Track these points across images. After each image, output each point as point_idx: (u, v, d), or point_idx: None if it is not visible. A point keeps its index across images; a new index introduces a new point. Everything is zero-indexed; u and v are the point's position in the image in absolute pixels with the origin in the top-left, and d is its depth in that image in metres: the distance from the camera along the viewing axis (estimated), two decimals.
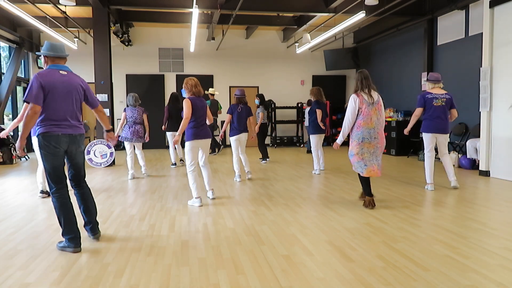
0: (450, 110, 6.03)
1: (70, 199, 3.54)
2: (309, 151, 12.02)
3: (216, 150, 12.00)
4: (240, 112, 7.03)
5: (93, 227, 3.74)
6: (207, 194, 5.55)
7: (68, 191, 3.55)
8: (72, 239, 3.44)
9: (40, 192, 5.73)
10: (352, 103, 4.81)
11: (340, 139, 5.03)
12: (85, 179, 3.79)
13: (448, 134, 6.18)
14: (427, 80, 6.14)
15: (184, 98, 5.22)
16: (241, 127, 7.07)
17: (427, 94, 6.01)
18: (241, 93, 7.22)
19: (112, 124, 9.67)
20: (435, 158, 6.23)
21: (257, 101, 9.59)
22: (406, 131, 6.34)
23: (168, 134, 8.77)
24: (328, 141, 13.24)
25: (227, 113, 7.18)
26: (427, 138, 6.09)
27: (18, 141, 3.44)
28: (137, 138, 7.53)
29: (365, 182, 4.97)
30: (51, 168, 3.46)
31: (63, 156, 3.56)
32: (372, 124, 4.77)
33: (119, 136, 7.44)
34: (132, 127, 7.50)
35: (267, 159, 9.75)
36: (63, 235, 3.49)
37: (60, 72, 3.51)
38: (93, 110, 3.85)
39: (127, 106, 7.64)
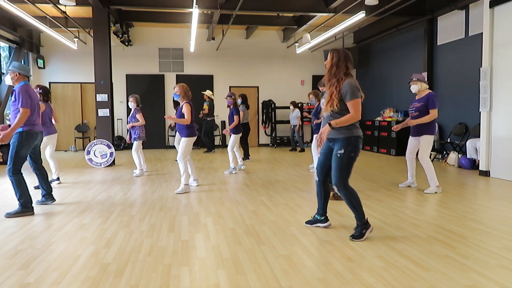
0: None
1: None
2: (302, 150, 12.20)
3: (213, 149, 12.09)
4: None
5: (50, 194, 5.21)
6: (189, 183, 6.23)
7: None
8: (28, 204, 4.66)
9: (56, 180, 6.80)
10: None
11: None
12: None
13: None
14: (421, 81, 5.82)
15: (176, 101, 6.40)
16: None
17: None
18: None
19: (112, 124, 9.66)
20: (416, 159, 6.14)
21: (239, 101, 9.21)
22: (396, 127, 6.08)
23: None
24: None
25: (237, 113, 7.83)
26: (432, 140, 5.85)
27: (4, 133, 4.46)
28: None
29: None
30: (21, 156, 4.66)
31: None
32: None
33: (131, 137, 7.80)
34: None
35: (248, 158, 10.03)
36: (22, 203, 4.63)
37: (29, 86, 4.74)
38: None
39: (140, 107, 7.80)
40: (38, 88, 6.40)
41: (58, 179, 6.82)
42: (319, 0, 9.78)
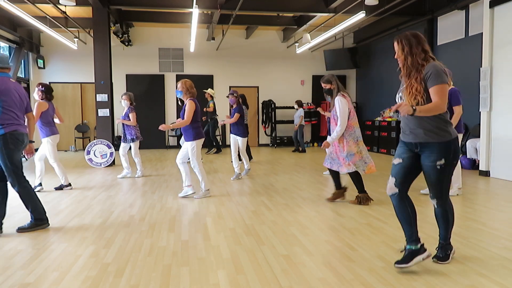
0: None
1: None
2: (303, 150, 12.06)
3: (214, 149, 12.04)
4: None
5: None
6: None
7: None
8: (42, 217, 4.10)
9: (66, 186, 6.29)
10: (345, 104, 4.96)
11: (333, 139, 4.98)
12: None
13: None
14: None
15: (180, 98, 5.63)
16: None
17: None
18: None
19: (112, 124, 9.66)
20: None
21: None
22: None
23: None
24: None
25: (239, 112, 7.32)
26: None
27: None
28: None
29: (359, 179, 5.10)
30: (17, 162, 3.95)
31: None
32: (357, 123, 5.12)
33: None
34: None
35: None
36: (36, 216, 4.05)
37: (11, 79, 3.96)
38: (25, 115, 4.18)
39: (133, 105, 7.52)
40: (40, 86, 6.00)
41: (70, 184, 6.36)
42: (319, 0, 9.78)
